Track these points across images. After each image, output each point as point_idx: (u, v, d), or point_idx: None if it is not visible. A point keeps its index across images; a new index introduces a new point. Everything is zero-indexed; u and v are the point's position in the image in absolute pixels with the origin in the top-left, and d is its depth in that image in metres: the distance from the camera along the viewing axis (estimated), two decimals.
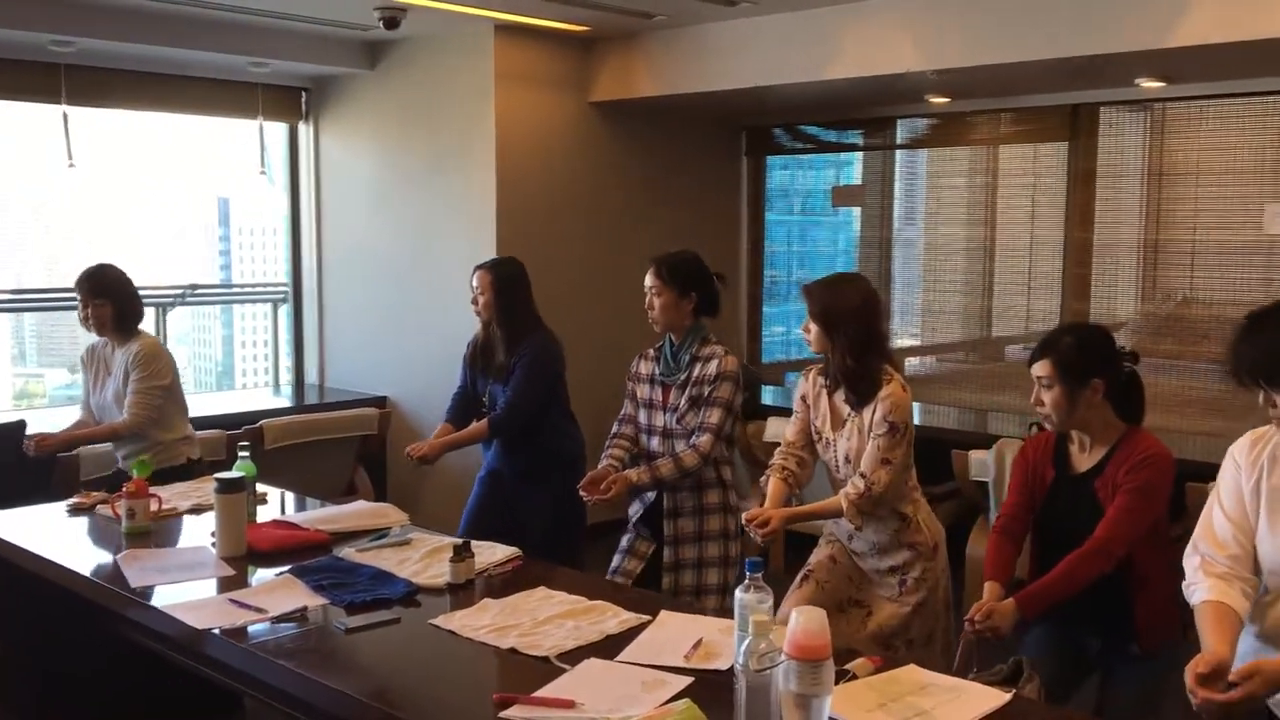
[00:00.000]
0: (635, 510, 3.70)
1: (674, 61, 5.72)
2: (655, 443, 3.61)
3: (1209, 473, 3.23)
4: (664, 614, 2.57)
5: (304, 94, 6.48)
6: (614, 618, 2.54)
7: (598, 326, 5.75)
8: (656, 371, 3.64)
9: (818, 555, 3.33)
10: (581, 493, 3.49)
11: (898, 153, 6.57)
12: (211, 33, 5.49)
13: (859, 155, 6.81)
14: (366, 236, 6.37)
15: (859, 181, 6.82)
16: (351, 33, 5.81)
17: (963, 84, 5.43)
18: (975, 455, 4.85)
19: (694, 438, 3.50)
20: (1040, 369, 2.81)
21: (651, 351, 3.70)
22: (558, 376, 4.24)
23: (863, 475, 3.09)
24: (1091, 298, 5.72)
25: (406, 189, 6.15)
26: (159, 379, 4.15)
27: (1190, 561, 2.31)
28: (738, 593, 2.15)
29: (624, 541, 3.73)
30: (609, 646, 2.39)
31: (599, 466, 3.59)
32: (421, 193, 6.07)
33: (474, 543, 2.95)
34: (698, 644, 2.36)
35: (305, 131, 6.55)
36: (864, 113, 6.45)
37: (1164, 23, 4.22)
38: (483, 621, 2.52)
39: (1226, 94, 5.18)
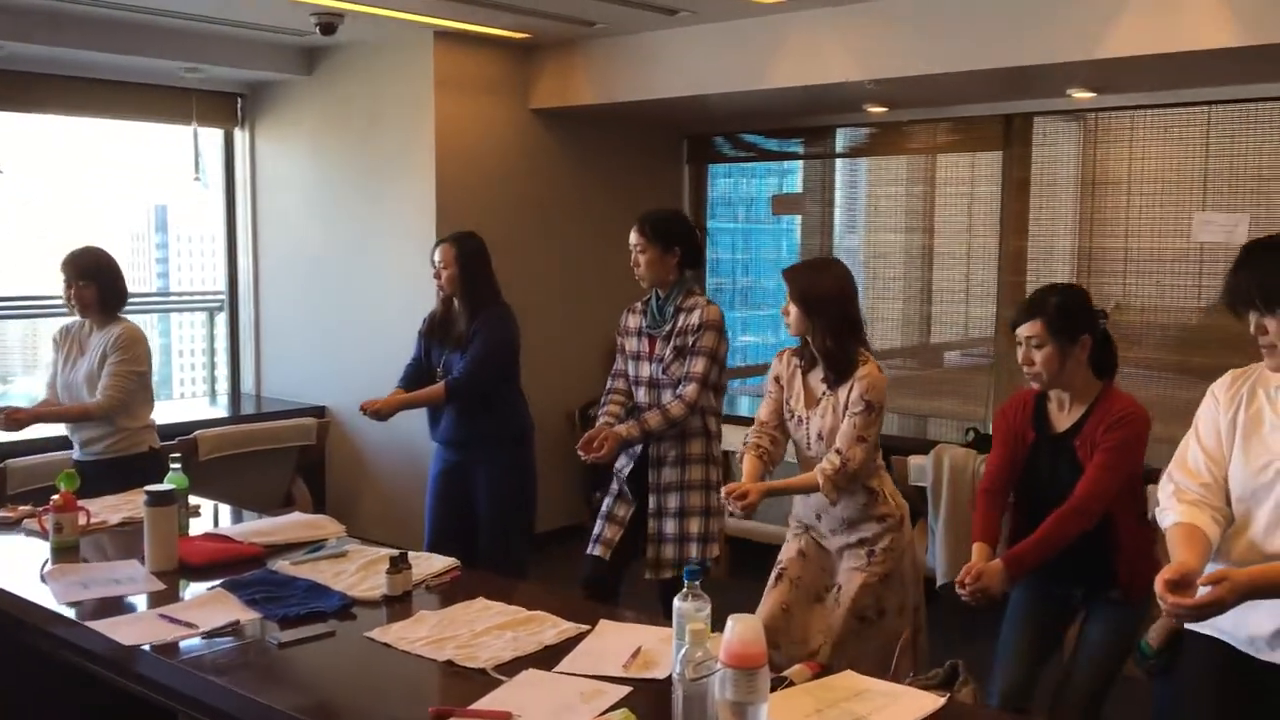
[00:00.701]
0: (622, 464, 3.79)
1: (615, 69, 5.73)
2: (642, 393, 3.74)
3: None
4: (603, 623, 2.56)
5: (239, 100, 6.40)
6: (552, 628, 2.52)
7: (538, 334, 5.73)
8: (643, 324, 3.76)
9: (787, 552, 3.43)
10: (579, 452, 3.60)
11: (838, 161, 6.63)
12: (144, 38, 5.40)
13: (800, 163, 6.86)
14: (304, 244, 6.30)
15: (800, 190, 6.87)
16: (287, 38, 5.75)
17: (899, 94, 5.50)
18: (914, 461, 4.90)
19: (680, 388, 3.62)
20: (1030, 329, 2.90)
21: (639, 305, 3.83)
22: (516, 348, 4.33)
23: (838, 451, 3.19)
24: None
25: (345, 196, 6.09)
26: (137, 365, 4.16)
27: (1164, 490, 2.38)
28: (675, 601, 2.14)
29: (604, 506, 3.83)
30: (547, 657, 2.37)
31: (596, 424, 3.71)
32: (360, 200, 6.02)
33: (411, 554, 2.92)
34: (636, 653, 2.36)
35: (241, 137, 6.47)
36: (804, 122, 6.49)
37: (1094, 34, 4.30)
38: (419, 634, 2.50)
39: (1155, 104, 5.29)
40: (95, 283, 4.17)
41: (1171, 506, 2.32)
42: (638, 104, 5.79)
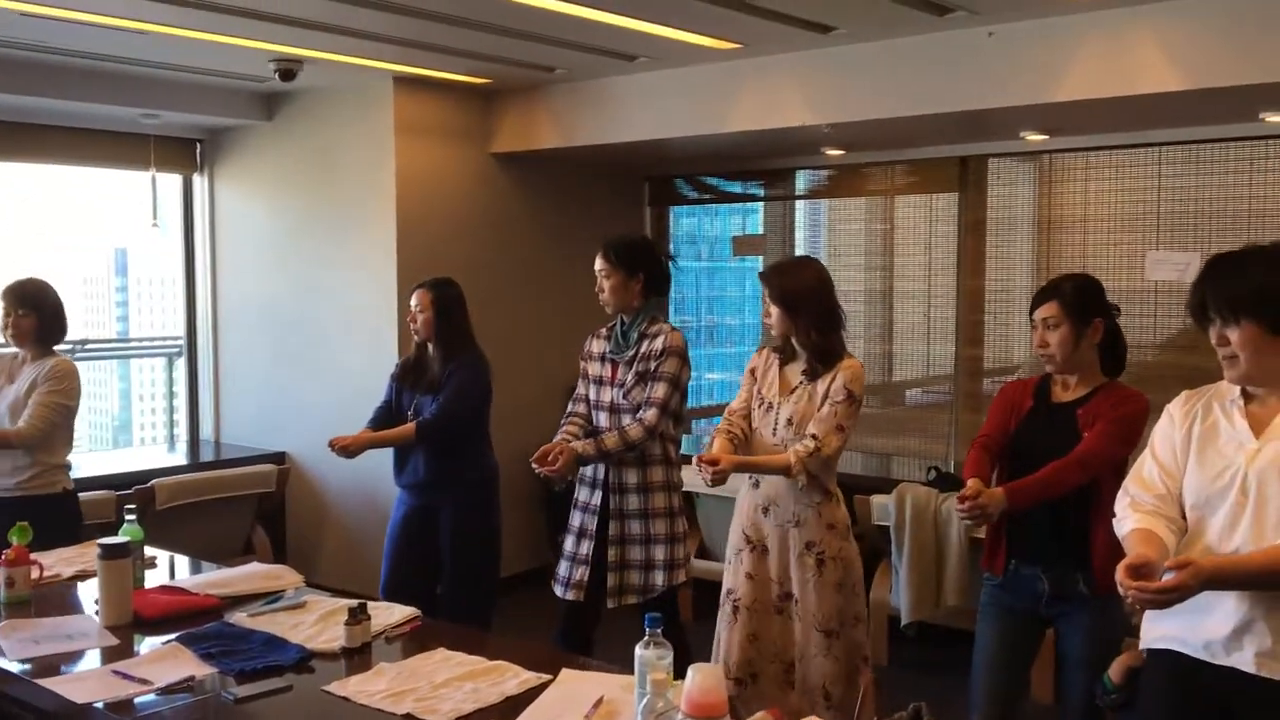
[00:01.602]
0: (587, 497, 3.76)
1: (575, 114, 5.76)
2: (603, 418, 3.74)
3: None
4: (565, 672, 2.54)
5: (198, 145, 6.38)
6: (514, 678, 2.50)
7: (500, 377, 5.71)
8: (607, 349, 3.77)
9: (733, 579, 3.47)
10: (533, 465, 3.58)
11: (798, 203, 6.69)
12: (101, 84, 5.38)
13: (761, 204, 6.92)
14: (263, 289, 6.26)
15: (762, 230, 6.92)
16: (247, 84, 5.74)
17: (856, 137, 5.57)
18: (877, 500, 4.92)
19: (640, 412, 3.61)
20: (1047, 310, 3.02)
21: (604, 331, 3.84)
22: (489, 393, 4.35)
23: (813, 436, 3.26)
24: (985, 344, 5.87)
25: (305, 241, 6.07)
26: (67, 398, 4.09)
27: (1120, 502, 2.45)
28: (637, 649, 2.13)
29: (567, 546, 3.80)
30: (508, 709, 2.35)
31: (553, 441, 3.70)
32: (321, 245, 6.00)
33: (371, 604, 2.89)
34: (598, 703, 2.33)
35: (200, 183, 6.45)
36: (764, 164, 6.55)
37: (1046, 79, 4.38)
38: (378, 687, 2.46)
39: (1107, 146, 5.39)
40: (36, 313, 4.11)
41: (1127, 516, 2.40)
42: (598, 148, 5.83)
